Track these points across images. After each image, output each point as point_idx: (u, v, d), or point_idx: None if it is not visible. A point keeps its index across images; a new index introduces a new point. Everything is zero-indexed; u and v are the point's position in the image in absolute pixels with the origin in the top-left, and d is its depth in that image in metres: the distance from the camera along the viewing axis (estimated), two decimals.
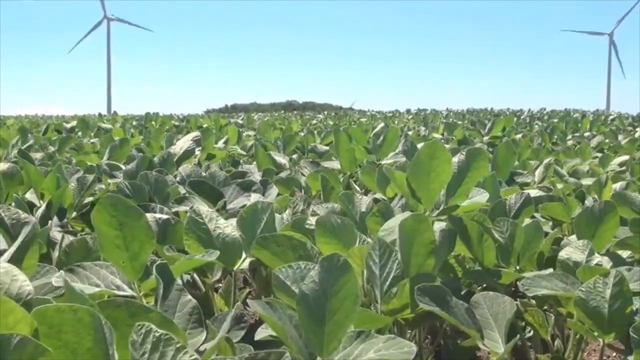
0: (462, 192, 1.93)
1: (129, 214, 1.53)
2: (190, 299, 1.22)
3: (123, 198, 1.56)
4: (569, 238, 2.32)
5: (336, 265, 1.20)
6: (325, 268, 1.20)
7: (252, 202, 2.26)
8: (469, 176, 1.96)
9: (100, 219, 1.52)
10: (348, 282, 1.20)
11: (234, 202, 2.42)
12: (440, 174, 1.89)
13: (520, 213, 2.34)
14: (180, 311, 1.21)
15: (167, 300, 1.21)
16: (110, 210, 1.52)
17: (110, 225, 1.52)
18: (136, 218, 1.53)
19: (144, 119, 10.93)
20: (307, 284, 1.21)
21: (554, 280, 1.71)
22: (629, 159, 5.00)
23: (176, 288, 1.24)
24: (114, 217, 1.52)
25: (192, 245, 1.74)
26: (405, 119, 16.51)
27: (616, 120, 12.32)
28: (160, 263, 1.26)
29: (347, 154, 3.87)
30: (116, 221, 1.52)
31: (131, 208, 1.53)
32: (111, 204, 1.52)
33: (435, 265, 1.62)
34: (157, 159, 2.87)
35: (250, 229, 1.77)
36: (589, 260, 1.84)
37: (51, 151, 5.03)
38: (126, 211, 1.52)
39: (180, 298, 1.23)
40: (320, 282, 1.20)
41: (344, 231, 1.82)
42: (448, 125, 7.89)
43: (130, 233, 1.52)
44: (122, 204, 1.53)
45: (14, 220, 1.90)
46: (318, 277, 1.21)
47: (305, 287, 1.21)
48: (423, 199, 1.92)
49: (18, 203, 2.15)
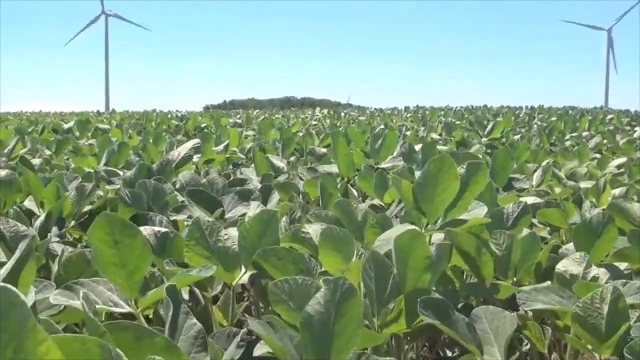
0: (462, 205, 1.94)
1: (125, 231, 1.54)
2: (195, 323, 1.23)
3: (118, 216, 1.57)
4: (566, 247, 2.33)
5: (341, 289, 1.21)
6: (331, 291, 1.21)
7: (251, 210, 2.27)
8: (469, 190, 1.97)
9: (96, 237, 1.52)
10: (353, 306, 1.20)
11: (232, 210, 2.43)
12: (446, 189, 1.91)
13: (518, 222, 2.35)
14: (186, 334, 1.21)
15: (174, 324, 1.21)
16: (106, 228, 1.52)
17: (106, 244, 1.52)
18: (132, 235, 1.54)
19: (142, 118, 10.92)
20: (312, 305, 1.22)
21: (551, 294, 1.72)
22: (626, 161, 5.01)
23: (182, 311, 1.24)
24: (109, 235, 1.53)
25: (192, 258, 1.75)
26: (404, 117, 16.52)
27: (614, 119, 12.33)
28: (171, 286, 1.27)
29: (345, 158, 3.87)
30: (112, 239, 1.52)
31: (127, 225, 1.54)
32: (106, 222, 1.52)
33: (431, 280, 1.62)
34: (156, 166, 2.87)
35: (251, 241, 1.77)
36: (586, 274, 1.84)
37: (48, 154, 5.03)
38: (122, 229, 1.53)
39: (185, 321, 1.23)
40: (325, 305, 1.20)
41: (344, 243, 1.83)
42: (446, 125, 7.90)
43: (126, 251, 1.53)
44: (118, 222, 1.53)
45: (12, 233, 1.91)
46: (323, 300, 1.21)
47: (310, 309, 1.21)
48: (427, 212, 1.93)
49: (17, 215, 2.15)
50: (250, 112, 26.86)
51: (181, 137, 8.27)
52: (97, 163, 4.61)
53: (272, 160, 4.12)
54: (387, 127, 8.45)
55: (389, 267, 1.61)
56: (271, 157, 4.15)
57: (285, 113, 23.16)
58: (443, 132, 7.78)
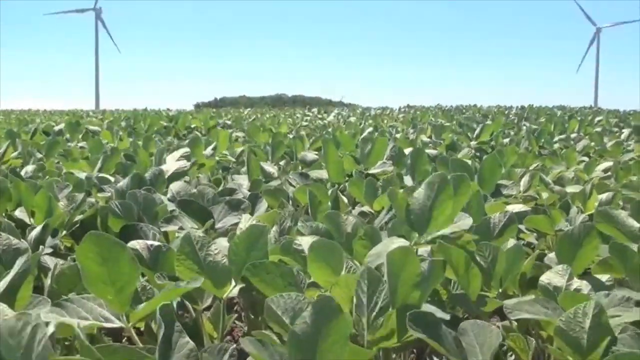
0: (448, 217, 1.98)
1: (112, 249, 1.58)
2: (188, 341, 1.26)
3: (106, 235, 1.61)
4: (551, 256, 2.37)
5: (327, 309, 1.24)
6: (317, 311, 1.24)
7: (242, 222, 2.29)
8: (455, 201, 2.00)
9: (84, 256, 1.57)
10: (338, 326, 1.23)
11: (222, 220, 2.45)
12: (440, 207, 1.96)
13: (504, 232, 2.39)
14: (179, 352, 1.24)
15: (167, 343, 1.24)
16: (94, 247, 1.57)
17: (94, 262, 1.56)
18: (120, 253, 1.58)
19: (132, 119, 10.91)
20: (298, 324, 1.25)
21: (536, 306, 1.76)
22: (613, 164, 5.07)
23: (175, 329, 1.27)
24: (97, 253, 1.57)
25: (183, 272, 1.77)
26: (395, 117, 16.57)
27: (603, 120, 12.43)
28: (164, 305, 1.29)
29: (335, 165, 3.91)
30: (100, 257, 1.56)
31: (114, 244, 1.58)
32: (94, 241, 1.57)
33: (422, 296, 1.66)
34: (149, 175, 2.90)
35: (241, 255, 1.80)
36: (569, 285, 1.88)
37: (39, 157, 5.04)
38: (109, 247, 1.57)
39: (178, 340, 1.26)
40: (312, 324, 1.24)
41: (334, 256, 1.86)
42: (436, 127, 7.95)
43: (114, 268, 1.57)
44: (105, 241, 1.58)
45: (5, 246, 1.92)
46: (310, 319, 1.24)
47: (297, 328, 1.24)
48: (418, 228, 1.98)
49: (10, 228, 2.17)
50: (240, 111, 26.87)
51: (171, 139, 8.29)
52: (88, 167, 4.63)
53: (263, 166, 4.15)
54: (376, 130, 8.49)
55: (381, 283, 1.64)
56: (262, 163, 4.17)
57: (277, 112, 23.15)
58: (433, 134, 7.83)
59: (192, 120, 10.41)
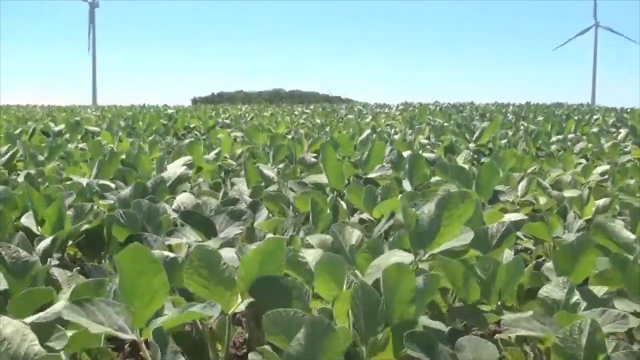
0: (453, 234, 2.03)
1: (150, 265, 1.64)
2: None
3: (147, 249, 1.66)
4: (548, 265, 2.41)
5: (321, 330, 1.28)
6: (310, 332, 1.28)
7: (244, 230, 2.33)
8: (461, 217, 2.06)
9: (125, 265, 1.63)
10: (332, 345, 1.28)
11: (224, 231, 2.49)
12: (447, 224, 2.01)
13: (502, 242, 2.43)
14: None
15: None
16: (135, 258, 1.63)
17: (133, 271, 1.63)
18: (156, 270, 1.64)
19: (130, 119, 10.93)
20: (293, 345, 1.29)
21: (534, 322, 1.81)
22: (610, 167, 5.11)
23: (171, 349, 1.31)
24: (137, 264, 1.63)
25: (191, 286, 1.82)
26: (392, 115, 16.60)
27: (599, 120, 12.48)
28: (157, 328, 1.33)
29: (334, 170, 3.94)
30: (138, 269, 1.63)
31: (153, 260, 1.64)
32: (136, 253, 1.63)
33: (417, 310, 1.70)
34: (151, 184, 2.94)
35: (253, 270, 1.84)
36: (568, 299, 1.92)
37: (41, 160, 5.07)
38: (148, 262, 1.64)
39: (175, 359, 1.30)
40: (306, 345, 1.28)
41: (338, 271, 1.90)
42: (434, 128, 7.99)
43: (146, 283, 1.62)
44: (146, 255, 1.64)
45: (14, 259, 1.97)
46: (304, 340, 1.29)
47: (292, 349, 1.29)
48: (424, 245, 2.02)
49: (22, 240, 2.21)
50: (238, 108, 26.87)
51: (170, 139, 8.32)
52: (89, 170, 4.66)
53: (263, 170, 4.18)
54: (374, 131, 8.53)
55: (377, 299, 1.69)
56: (262, 167, 4.21)
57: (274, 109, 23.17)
58: (431, 135, 7.88)
59: (191, 120, 10.44)
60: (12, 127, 11.96)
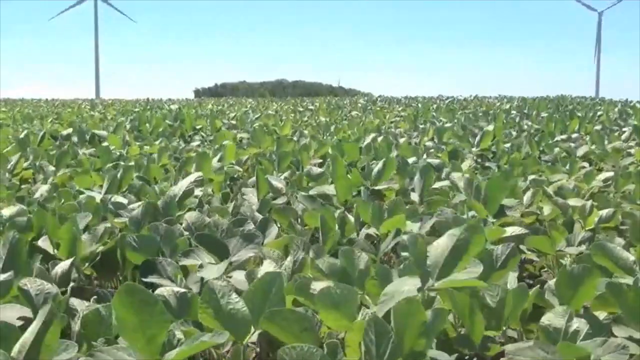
0: (461, 266, 2.10)
1: (145, 301, 1.72)
2: None
3: (139, 287, 1.74)
4: (551, 283, 2.48)
5: None
6: None
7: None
8: (468, 251, 2.13)
9: (119, 306, 1.71)
10: None
11: (237, 254, 2.57)
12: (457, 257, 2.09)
13: (507, 264, 2.50)
14: None
15: None
16: (128, 298, 1.71)
17: (128, 312, 1.71)
18: (152, 305, 1.72)
19: (136, 119, 11.01)
20: None
21: (537, 350, 1.88)
22: (613, 174, 5.15)
23: None
24: (131, 304, 1.71)
25: (206, 319, 1.90)
26: (397, 112, 16.64)
27: (603, 116, 12.51)
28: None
29: (342, 181, 4.02)
30: (133, 308, 1.71)
31: (147, 296, 1.72)
32: (128, 292, 1.71)
33: (427, 343, 1.78)
34: (161, 203, 3.01)
35: (258, 302, 1.92)
36: (568, 327, 2.00)
37: (51, 170, 5.15)
38: (142, 298, 1.72)
39: None
40: None
41: (346, 302, 1.97)
42: (438, 130, 8.05)
43: (146, 319, 1.70)
44: (139, 292, 1.72)
45: (38, 291, 2.06)
46: None
47: None
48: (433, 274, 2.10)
49: (41, 272, 2.29)
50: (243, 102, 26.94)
51: (177, 142, 8.40)
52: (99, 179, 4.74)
53: (271, 182, 4.26)
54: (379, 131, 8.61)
55: (388, 331, 1.76)
56: (271, 179, 4.28)
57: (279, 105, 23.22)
58: (435, 136, 7.94)
59: (197, 122, 10.51)
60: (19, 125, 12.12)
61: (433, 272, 2.10)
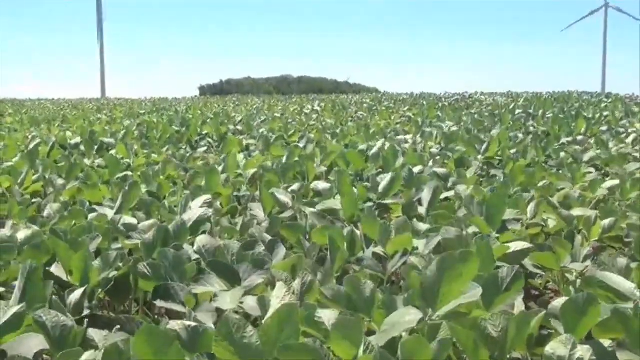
0: (458, 292, 2.15)
1: (164, 340, 1.78)
2: None
3: (157, 328, 1.80)
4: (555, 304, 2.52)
5: None
6: None
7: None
8: (464, 276, 2.18)
9: (139, 349, 1.77)
10: None
11: (248, 280, 2.63)
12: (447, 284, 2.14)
13: (512, 286, 2.54)
14: None
15: None
16: (147, 340, 1.79)
17: (147, 354, 1.78)
18: (169, 344, 1.78)
19: (144, 125, 11.10)
20: None
21: None
22: (618, 183, 5.18)
23: None
24: (150, 345, 1.79)
25: (220, 353, 1.95)
26: (402, 112, 16.68)
27: (609, 116, 12.51)
28: None
29: (349, 197, 4.07)
30: (152, 350, 1.78)
31: (165, 337, 1.78)
32: (148, 334, 1.77)
33: None
34: (172, 228, 3.07)
35: (273, 336, 1.97)
36: (572, 355, 2.05)
37: (60, 184, 5.22)
38: (160, 340, 1.79)
39: None
40: None
41: (354, 330, 2.04)
42: (445, 136, 8.10)
43: (164, 358, 1.76)
44: (156, 334, 1.79)
45: (54, 323, 2.12)
46: None
47: None
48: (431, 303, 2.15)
49: (57, 305, 2.35)
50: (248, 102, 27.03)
51: (184, 149, 8.48)
52: (108, 192, 4.80)
53: (277, 196, 4.31)
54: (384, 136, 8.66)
55: None
56: (277, 193, 4.33)
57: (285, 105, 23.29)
58: (442, 142, 7.98)
59: (203, 127, 10.60)
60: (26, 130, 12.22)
61: (432, 301, 2.16)
